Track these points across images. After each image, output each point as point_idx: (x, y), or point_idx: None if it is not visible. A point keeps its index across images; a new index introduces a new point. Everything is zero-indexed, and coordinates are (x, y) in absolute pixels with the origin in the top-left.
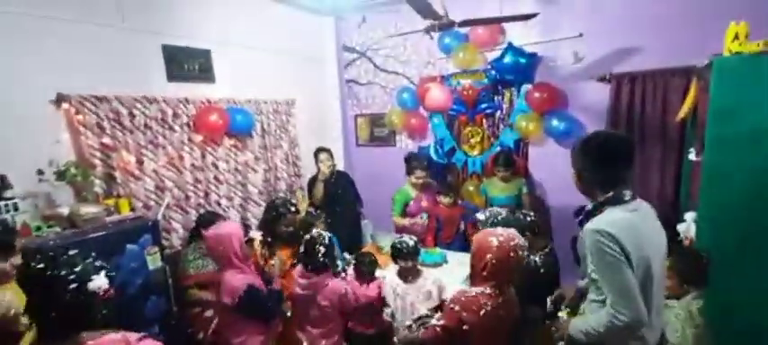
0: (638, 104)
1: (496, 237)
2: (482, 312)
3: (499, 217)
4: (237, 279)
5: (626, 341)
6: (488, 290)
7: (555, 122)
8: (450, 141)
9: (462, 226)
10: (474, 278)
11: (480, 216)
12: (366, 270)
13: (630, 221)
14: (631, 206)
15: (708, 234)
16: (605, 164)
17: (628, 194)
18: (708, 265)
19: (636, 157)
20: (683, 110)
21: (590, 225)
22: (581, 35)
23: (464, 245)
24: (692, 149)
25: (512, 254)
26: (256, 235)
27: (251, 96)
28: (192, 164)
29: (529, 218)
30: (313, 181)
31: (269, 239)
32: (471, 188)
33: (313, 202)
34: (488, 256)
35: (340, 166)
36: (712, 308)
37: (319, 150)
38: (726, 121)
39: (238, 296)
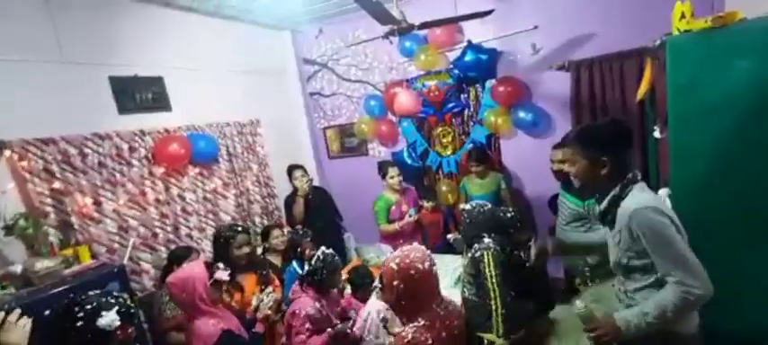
0: (598, 89)
1: (393, 261)
2: None
3: (484, 208)
4: (209, 326)
5: (687, 318)
6: (421, 322)
7: (522, 114)
8: (422, 143)
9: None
10: (399, 313)
11: (466, 206)
12: (362, 284)
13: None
14: (643, 183)
15: (683, 207)
16: (626, 148)
17: (638, 174)
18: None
19: None
20: (641, 91)
21: (634, 206)
22: (536, 27)
23: (450, 248)
24: (655, 127)
25: (413, 272)
26: (223, 275)
27: (212, 120)
28: (157, 199)
29: (508, 214)
30: (291, 200)
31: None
32: (445, 187)
33: (293, 221)
34: (394, 283)
35: (316, 181)
36: None
37: (293, 168)
38: (685, 97)
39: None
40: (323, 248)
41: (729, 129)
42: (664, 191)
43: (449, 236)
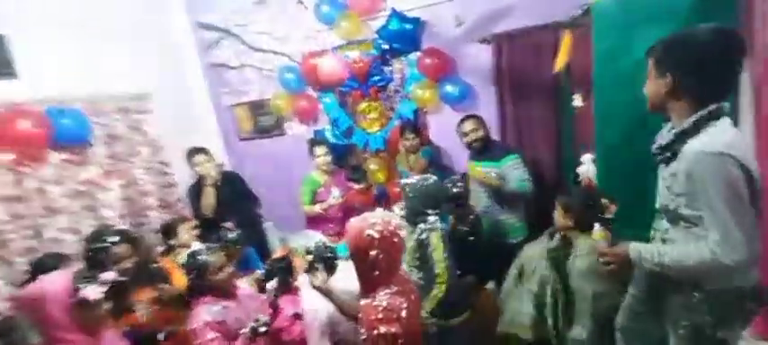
0: (518, 62)
1: (373, 228)
2: (403, 314)
3: (429, 181)
4: None
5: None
6: (394, 288)
7: (449, 88)
8: (346, 120)
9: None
10: (366, 286)
11: (409, 179)
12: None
13: (742, 138)
14: (727, 120)
15: (607, 172)
16: (720, 66)
17: (727, 107)
18: (597, 206)
19: (522, 112)
20: (560, 63)
21: (705, 149)
22: None
23: None
24: (575, 96)
25: (396, 239)
26: (92, 293)
27: (81, 93)
28: (5, 196)
29: (456, 187)
30: (197, 189)
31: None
32: (374, 166)
33: (201, 214)
34: (373, 253)
35: (224, 165)
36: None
37: (193, 152)
38: (609, 62)
39: None
40: (195, 244)
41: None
42: (587, 157)
43: None
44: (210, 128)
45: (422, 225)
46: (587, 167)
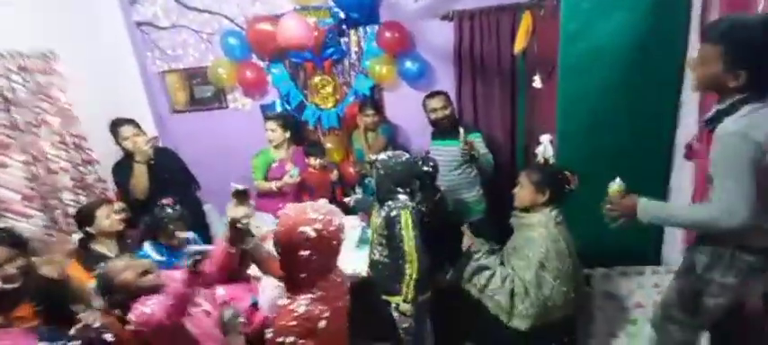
0: (478, 42)
1: (310, 225)
2: (321, 324)
3: (401, 158)
4: None
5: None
6: (317, 293)
7: (408, 64)
8: (297, 95)
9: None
10: (289, 284)
11: (381, 156)
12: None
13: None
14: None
15: (567, 153)
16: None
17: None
18: (563, 180)
19: (479, 92)
20: (520, 44)
21: (725, 128)
22: None
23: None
24: (536, 77)
25: (335, 242)
26: None
27: None
28: None
29: (428, 165)
30: (125, 167)
31: None
32: (330, 145)
33: (129, 196)
34: (303, 253)
35: None
36: (576, 222)
37: (119, 123)
38: (575, 44)
39: None
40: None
41: (615, 76)
42: (545, 137)
43: (348, 199)
44: (138, 96)
45: (391, 203)
46: (545, 147)
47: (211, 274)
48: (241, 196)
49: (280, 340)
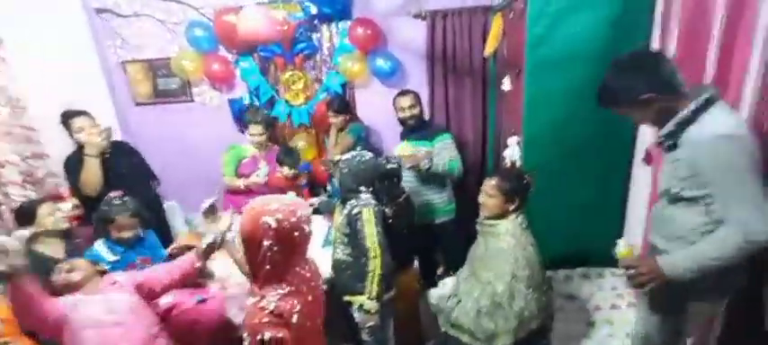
0: (450, 42)
1: (272, 215)
2: (295, 318)
3: (366, 158)
4: None
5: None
6: (286, 288)
7: (380, 62)
8: (268, 90)
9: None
10: (256, 279)
11: (345, 155)
12: None
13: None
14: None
15: (533, 155)
16: (660, 72)
17: (715, 92)
18: (529, 185)
19: (451, 92)
20: (490, 46)
21: (704, 135)
22: None
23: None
24: (505, 80)
25: (297, 233)
26: None
27: None
28: None
29: (390, 165)
30: (76, 161)
31: None
32: (302, 143)
33: (82, 192)
34: (266, 244)
35: (114, 135)
36: (538, 224)
37: (71, 115)
38: (541, 47)
39: None
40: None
41: (579, 79)
42: (513, 140)
43: (312, 201)
44: (97, 87)
45: (353, 201)
46: (513, 150)
47: (173, 283)
48: (212, 210)
49: (256, 338)
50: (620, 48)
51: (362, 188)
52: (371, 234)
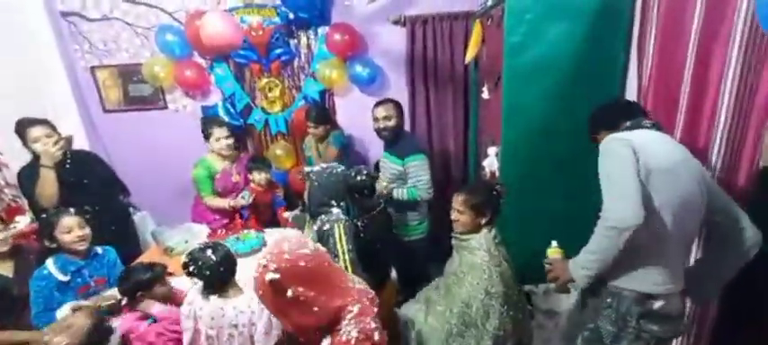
0: (430, 49)
1: (267, 273)
2: (377, 336)
3: (336, 170)
4: None
5: (645, 263)
6: (353, 309)
7: (359, 68)
8: (243, 97)
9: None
10: (315, 332)
11: (314, 168)
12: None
13: (648, 134)
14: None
15: (511, 164)
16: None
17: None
18: (500, 196)
19: (432, 100)
20: (471, 53)
21: (606, 140)
22: None
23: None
24: (484, 88)
25: (303, 263)
26: None
27: None
28: None
29: (362, 176)
30: (31, 173)
31: None
32: (280, 151)
33: (38, 205)
34: (289, 294)
35: (81, 143)
36: (516, 236)
37: (25, 124)
38: (519, 56)
39: None
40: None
41: (557, 86)
42: (492, 150)
43: (287, 214)
44: (63, 94)
45: (324, 217)
46: (492, 160)
47: None
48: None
49: None
50: (597, 57)
51: (333, 202)
52: (344, 251)
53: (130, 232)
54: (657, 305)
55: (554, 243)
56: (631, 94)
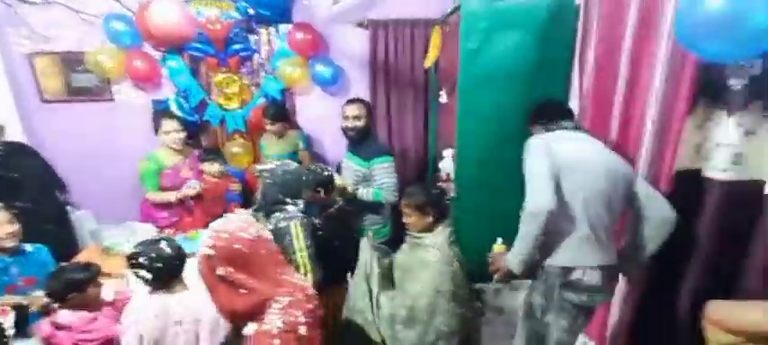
0: (392, 52)
1: (205, 246)
2: (303, 330)
3: (290, 167)
4: None
5: (576, 251)
6: (283, 300)
7: (321, 68)
8: (198, 92)
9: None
10: (239, 316)
11: (267, 166)
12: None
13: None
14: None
15: (465, 166)
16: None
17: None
18: (443, 194)
19: (393, 103)
20: (430, 59)
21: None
22: None
23: None
24: (441, 92)
25: (238, 245)
26: None
27: None
28: None
29: (326, 172)
30: None
31: None
32: (237, 149)
33: None
34: (219, 272)
35: (15, 135)
36: (469, 236)
37: None
38: (473, 62)
39: None
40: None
41: (508, 93)
42: (448, 152)
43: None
44: None
45: (278, 215)
46: (448, 162)
47: None
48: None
49: None
50: (544, 65)
51: (288, 199)
52: (301, 248)
53: (67, 231)
54: (575, 276)
55: (499, 241)
56: (574, 100)
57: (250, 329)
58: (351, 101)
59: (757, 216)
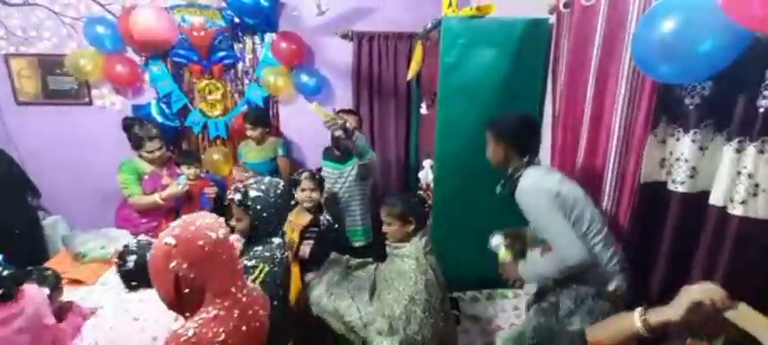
0: (376, 64)
1: (167, 234)
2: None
3: (278, 189)
4: None
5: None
6: (212, 312)
7: (305, 78)
8: (180, 98)
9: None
10: (179, 309)
11: (253, 192)
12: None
13: (549, 172)
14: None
15: (443, 176)
16: (528, 137)
17: (538, 159)
18: (422, 202)
19: (376, 113)
20: (412, 71)
21: (525, 186)
22: None
23: None
24: (422, 104)
25: (202, 243)
26: None
27: None
28: None
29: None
30: None
31: None
32: (217, 155)
33: None
34: (172, 266)
35: None
36: (447, 245)
37: None
38: (452, 75)
39: None
40: None
41: (484, 106)
42: (427, 162)
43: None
44: None
45: (258, 249)
46: (426, 172)
47: None
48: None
49: None
50: (519, 81)
51: (279, 227)
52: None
53: (38, 236)
54: (611, 287)
55: (502, 247)
56: (548, 118)
57: (176, 324)
58: (349, 112)
59: (704, 224)
